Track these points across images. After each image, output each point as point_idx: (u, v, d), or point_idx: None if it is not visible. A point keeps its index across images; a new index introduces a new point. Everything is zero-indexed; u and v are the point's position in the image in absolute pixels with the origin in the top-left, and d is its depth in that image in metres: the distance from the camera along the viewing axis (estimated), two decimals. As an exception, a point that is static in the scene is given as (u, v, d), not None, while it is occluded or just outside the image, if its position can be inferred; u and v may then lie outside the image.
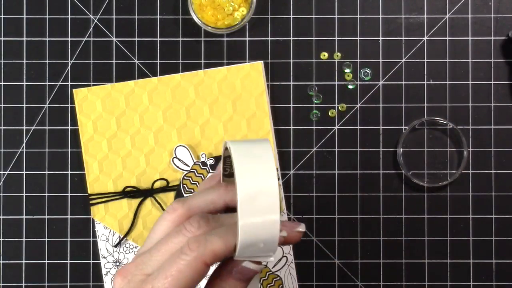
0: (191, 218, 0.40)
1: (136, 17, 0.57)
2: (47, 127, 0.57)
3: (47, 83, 0.57)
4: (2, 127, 0.57)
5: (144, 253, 0.39)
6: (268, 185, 0.35)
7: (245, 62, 0.57)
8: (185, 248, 0.38)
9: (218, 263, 0.39)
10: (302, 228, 0.40)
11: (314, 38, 0.57)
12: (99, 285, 0.57)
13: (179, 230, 0.39)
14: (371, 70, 0.57)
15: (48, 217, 0.57)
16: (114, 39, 0.57)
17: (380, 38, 0.57)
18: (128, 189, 0.56)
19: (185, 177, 0.56)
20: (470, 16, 0.57)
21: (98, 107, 0.57)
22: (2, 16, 0.58)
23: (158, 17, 0.57)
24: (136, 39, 0.57)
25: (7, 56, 0.57)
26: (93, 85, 0.57)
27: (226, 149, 0.45)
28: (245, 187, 0.35)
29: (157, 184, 0.56)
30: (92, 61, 0.57)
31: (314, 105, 0.57)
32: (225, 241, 0.37)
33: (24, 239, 0.57)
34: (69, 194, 0.57)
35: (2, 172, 0.57)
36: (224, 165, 0.47)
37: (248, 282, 0.39)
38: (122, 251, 0.57)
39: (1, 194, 0.57)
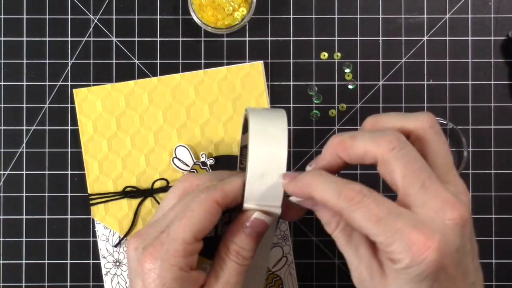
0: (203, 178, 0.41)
1: (136, 17, 0.57)
2: (47, 127, 0.57)
3: (47, 83, 0.57)
4: (2, 127, 0.57)
5: (160, 217, 0.39)
6: (277, 129, 0.39)
7: (245, 62, 0.57)
8: (196, 193, 0.38)
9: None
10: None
11: (314, 38, 0.57)
12: (99, 285, 0.57)
13: (192, 191, 0.40)
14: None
15: (48, 217, 0.57)
16: (114, 39, 0.57)
17: (380, 38, 0.57)
18: (128, 189, 0.56)
19: (185, 177, 0.56)
20: (470, 16, 0.57)
21: (98, 107, 0.57)
22: (2, 16, 0.58)
23: (158, 17, 0.57)
24: (136, 39, 0.57)
25: (7, 56, 0.57)
26: (93, 85, 0.57)
27: (243, 134, 0.46)
28: (256, 125, 0.39)
29: (157, 184, 0.56)
30: (92, 61, 0.57)
31: (314, 105, 0.57)
32: (235, 181, 0.39)
33: (24, 239, 0.57)
34: (69, 194, 0.57)
35: (2, 172, 0.57)
36: (240, 157, 0.47)
37: (258, 239, 0.39)
38: (122, 251, 0.57)
39: (1, 194, 0.57)
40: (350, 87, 0.57)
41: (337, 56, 0.57)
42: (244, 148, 0.47)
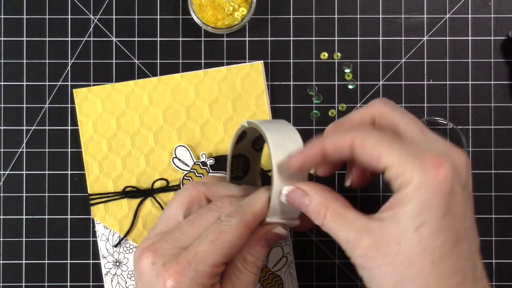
0: (220, 197, 0.41)
1: (136, 17, 0.57)
2: (47, 127, 0.57)
3: (47, 83, 0.57)
4: (2, 127, 0.57)
5: (173, 230, 0.39)
6: (293, 136, 0.40)
7: (245, 62, 0.57)
8: (225, 216, 0.39)
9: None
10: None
11: (314, 38, 0.57)
12: (99, 285, 0.57)
13: (210, 207, 0.40)
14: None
15: (48, 217, 0.57)
16: (114, 39, 0.57)
17: (380, 38, 0.57)
18: (128, 189, 0.56)
19: (185, 177, 0.56)
20: (470, 16, 0.57)
21: (98, 107, 0.57)
22: (2, 16, 0.58)
23: (158, 17, 0.57)
24: (136, 39, 0.57)
25: (7, 56, 0.57)
26: (93, 85, 0.57)
27: (235, 144, 0.46)
28: (274, 137, 0.39)
29: (157, 184, 0.56)
30: (92, 61, 0.57)
31: (314, 105, 0.57)
32: (261, 201, 0.39)
33: (24, 239, 0.57)
34: (69, 194, 0.57)
35: (2, 172, 0.57)
36: (231, 166, 0.47)
37: (270, 248, 0.41)
38: (122, 251, 0.57)
39: (1, 194, 0.57)
40: (350, 87, 0.57)
41: (337, 56, 0.57)
42: (235, 158, 0.47)
